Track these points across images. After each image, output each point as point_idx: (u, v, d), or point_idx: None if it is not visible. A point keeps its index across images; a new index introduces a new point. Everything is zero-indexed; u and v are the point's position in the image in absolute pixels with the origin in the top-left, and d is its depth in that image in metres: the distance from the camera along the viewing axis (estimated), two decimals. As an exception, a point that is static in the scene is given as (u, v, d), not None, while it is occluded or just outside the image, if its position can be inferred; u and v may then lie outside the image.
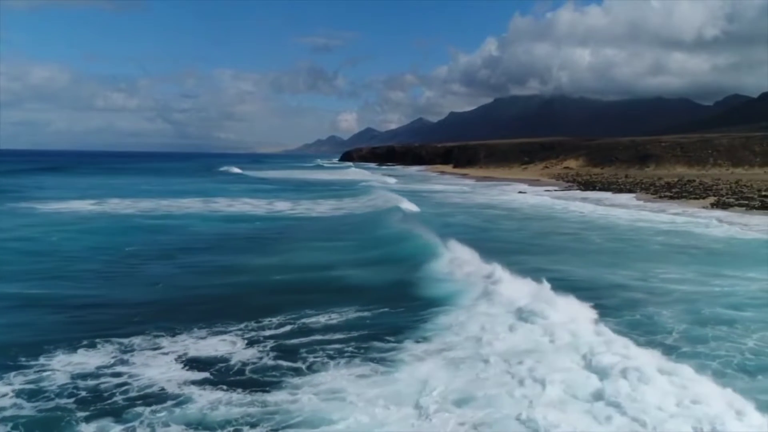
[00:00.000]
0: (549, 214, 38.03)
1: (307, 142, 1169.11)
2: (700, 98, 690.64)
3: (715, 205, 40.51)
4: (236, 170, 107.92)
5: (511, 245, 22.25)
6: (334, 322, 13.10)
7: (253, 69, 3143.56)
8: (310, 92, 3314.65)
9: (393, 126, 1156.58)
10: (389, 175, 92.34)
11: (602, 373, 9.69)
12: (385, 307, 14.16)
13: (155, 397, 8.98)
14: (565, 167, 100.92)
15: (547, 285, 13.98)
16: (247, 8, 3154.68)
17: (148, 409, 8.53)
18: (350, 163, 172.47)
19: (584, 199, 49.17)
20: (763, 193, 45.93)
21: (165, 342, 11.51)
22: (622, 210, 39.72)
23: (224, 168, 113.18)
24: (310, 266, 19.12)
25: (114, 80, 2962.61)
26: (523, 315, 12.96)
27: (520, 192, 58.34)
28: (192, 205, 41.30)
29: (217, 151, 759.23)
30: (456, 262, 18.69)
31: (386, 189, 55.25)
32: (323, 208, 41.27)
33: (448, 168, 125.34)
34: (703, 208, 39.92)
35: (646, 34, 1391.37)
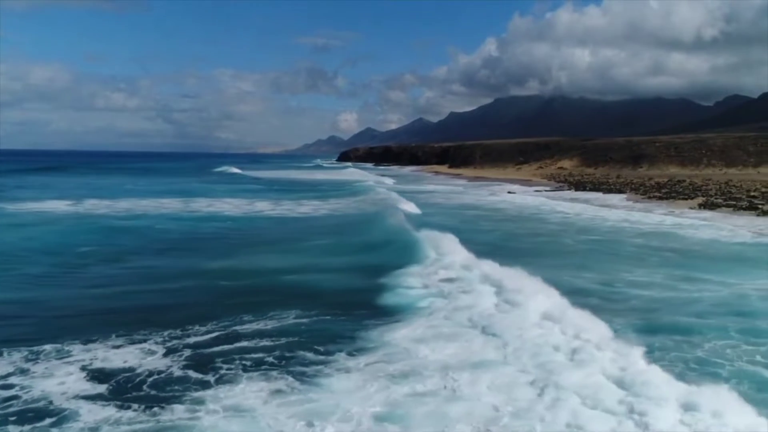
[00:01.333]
0: (532, 215, 37.27)
1: (307, 142, 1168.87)
2: (700, 98, 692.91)
3: (703, 206, 39.85)
4: (234, 170, 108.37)
5: (480, 247, 21.44)
6: (269, 328, 12.36)
7: (253, 69, 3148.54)
8: (310, 92, 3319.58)
9: (393, 126, 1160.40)
10: (383, 175, 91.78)
11: (544, 388, 9.07)
12: (329, 314, 13.37)
13: (36, 413, 8.25)
14: (559, 167, 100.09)
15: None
16: (247, 8, 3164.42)
17: (20, 428, 7.80)
18: (348, 164, 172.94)
19: (573, 200, 48.39)
20: (752, 193, 45.18)
21: (76, 350, 10.79)
22: (609, 211, 38.99)
23: (223, 168, 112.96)
24: (266, 270, 18.33)
25: (114, 80, 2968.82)
26: (482, 324, 12.32)
27: (509, 192, 57.62)
28: (170, 205, 40.64)
29: (218, 151, 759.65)
30: (427, 267, 18.01)
31: (374, 190, 54.65)
32: (305, 208, 40.54)
33: (444, 168, 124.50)
34: (691, 208, 39.27)
35: (645, 34, 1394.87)
